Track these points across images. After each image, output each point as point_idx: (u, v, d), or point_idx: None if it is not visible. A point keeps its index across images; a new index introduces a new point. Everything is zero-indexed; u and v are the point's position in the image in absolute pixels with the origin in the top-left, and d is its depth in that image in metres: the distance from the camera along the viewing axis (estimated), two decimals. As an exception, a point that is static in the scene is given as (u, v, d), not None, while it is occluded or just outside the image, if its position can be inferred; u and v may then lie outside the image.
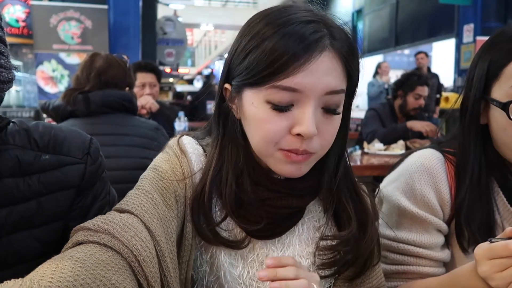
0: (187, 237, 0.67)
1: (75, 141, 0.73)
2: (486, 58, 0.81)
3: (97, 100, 1.51)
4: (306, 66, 0.59)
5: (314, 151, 0.64)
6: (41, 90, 5.01)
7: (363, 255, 0.72)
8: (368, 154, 2.83)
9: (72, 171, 0.70)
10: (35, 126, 0.71)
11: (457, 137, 0.87)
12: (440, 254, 0.84)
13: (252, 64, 0.62)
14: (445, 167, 0.85)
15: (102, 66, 1.58)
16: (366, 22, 9.61)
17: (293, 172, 0.65)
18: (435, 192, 0.84)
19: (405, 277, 0.85)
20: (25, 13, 5.02)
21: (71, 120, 1.52)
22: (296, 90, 0.60)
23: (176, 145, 0.73)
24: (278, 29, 0.61)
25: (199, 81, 8.82)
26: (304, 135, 0.60)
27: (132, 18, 5.26)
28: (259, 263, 0.70)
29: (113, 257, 0.53)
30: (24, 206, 0.65)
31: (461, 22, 6.20)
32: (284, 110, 0.61)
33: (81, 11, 5.03)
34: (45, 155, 0.68)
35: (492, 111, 0.80)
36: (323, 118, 0.63)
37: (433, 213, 0.84)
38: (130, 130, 1.56)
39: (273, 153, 0.64)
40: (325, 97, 0.62)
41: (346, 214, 0.72)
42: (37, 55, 5.01)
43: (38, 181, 0.66)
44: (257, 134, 0.65)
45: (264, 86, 0.61)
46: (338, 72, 0.63)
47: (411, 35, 7.97)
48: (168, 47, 6.67)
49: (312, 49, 0.60)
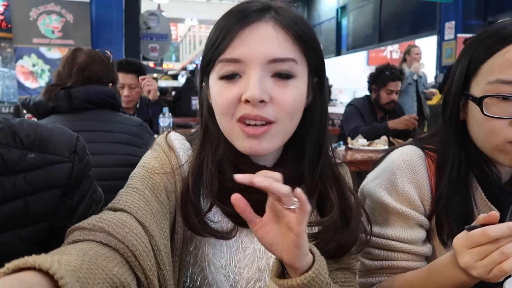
0: (179, 230, 0.69)
1: (62, 140, 0.72)
2: (467, 55, 0.82)
3: (80, 96, 1.48)
4: (241, 35, 0.63)
5: (269, 117, 0.64)
6: (21, 85, 4.89)
7: (343, 247, 0.73)
8: (352, 149, 2.86)
9: (59, 170, 0.69)
10: (20, 124, 0.69)
11: (438, 133, 0.89)
12: (422, 248, 0.86)
13: (205, 48, 0.68)
14: (425, 163, 0.87)
15: (85, 61, 1.55)
16: (350, 18, 9.68)
17: (253, 147, 0.65)
18: (416, 188, 0.85)
19: (389, 272, 0.87)
20: (3, 6, 4.88)
21: (52, 116, 1.48)
22: (238, 61, 0.64)
23: (164, 142, 0.74)
24: (220, 17, 0.67)
25: (184, 76, 8.76)
26: (250, 99, 0.62)
27: (114, 12, 5.18)
28: (243, 250, 0.71)
29: (111, 252, 0.54)
30: (9, 205, 0.64)
31: (443, 19, 6.31)
32: (231, 79, 0.65)
33: (62, 5, 4.92)
34: (30, 154, 0.67)
35: (470, 106, 0.81)
36: (275, 86, 0.64)
37: (415, 208, 0.85)
38: (114, 126, 1.53)
39: (233, 128, 0.66)
40: (270, 65, 0.63)
41: (329, 202, 0.72)
42: (16, 49, 4.88)
43: (24, 180, 0.65)
44: (217, 111, 0.68)
45: (215, 66, 0.66)
46: (283, 41, 0.64)
47: (394, 31, 8.07)
48: (152, 42, 6.59)
49: (247, 19, 0.64)
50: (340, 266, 0.78)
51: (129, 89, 2.53)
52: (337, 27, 10.17)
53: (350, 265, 0.79)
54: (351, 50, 9.71)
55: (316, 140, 0.72)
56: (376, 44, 8.75)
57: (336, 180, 0.75)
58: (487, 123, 0.77)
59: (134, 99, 2.58)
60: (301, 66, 0.66)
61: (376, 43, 8.74)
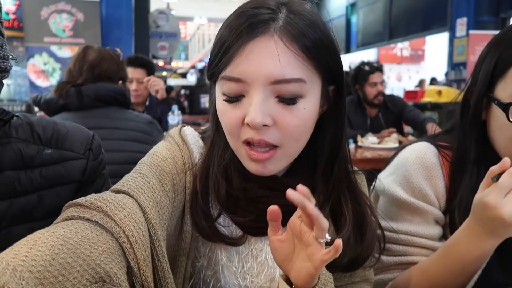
0: (187, 228, 0.67)
1: (78, 137, 0.74)
2: (495, 54, 0.78)
3: (90, 94, 1.50)
4: (243, 51, 0.57)
5: (274, 142, 0.60)
6: (32, 83, 4.95)
7: (357, 260, 0.69)
8: (362, 147, 2.84)
9: (74, 166, 0.72)
10: (38, 121, 0.72)
11: (453, 131, 0.87)
12: (439, 244, 0.84)
13: (210, 56, 0.63)
14: (439, 161, 0.85)
15: (95, 59, 1.56)
16: (360, 15, 9.60)
17: (258, 170, 0.63)
18: (431, 185, 0.84)
19: (407, 267, 0.85)
20: (16, 5, 4.94)
21: (63, 113, 1.51)
22: (240, 80, 0.58)
23: (178, 135, 0.72)
24: (227, 19, 0.61)
25: (193, 74, 8.78)
26: (250, 123, 0.58)
27: (124, 10, 5.20)
28: (254, 257, 0.70)
29: (102, 236, 0.49)
30: (25, 199, 0.66)
31: (454, 15, 6.21)
32: (234, 101, 0.60)
33: (72, 4, 4.96)
34: (47, 149, 0.69)
35: (493, 108, 0.78)
36: (280, 108, 0.59)
37: (431, 203, 0.84)
38: (123, 124, 1.55)
39: (239, 149, 0.63)
40: (274, 86, 0.58)
41: (343, 217, 0.69)
42: (28, 48, 4.94)
43: (40, 175, 0.67)
44: (223, 127, 0.65)
45: (218, 80, 0.62)
46: (288, 59, 0.57)
47: (404, 28, 7.97)
48: (161, 40, 6.61)
49: (251, 32, 0.57)
50: (355, 280, 0.77)
51: (137, 84, 2.56)
52: (347, 24, 10.10)
53: (366, 277, 0.78)
54: (361, 47, 9.63)
55: (330, 151, 0.69)
56: (386, 41, 8.67)
57: (352, 192, 0.71)
58: (511, 129, 0.74)
59: (142, 94, 2.60)
60: (310, 83, 0.60)
61: (386, 40, 8.66)
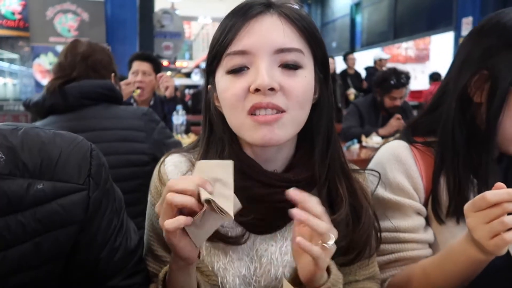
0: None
1: (73, 159, 0.60)
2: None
3: (74, 93, 1.39)
4: (246, 27, 0.64)
5: (281, 105, 0.63)
6: (38, 83, 4.98)
7: (357, 243, 0.72)
8: (366, 147, 2.83)
9: (73, 202, 0.59)
10: (21, 142, 0.58)
11: (436, 120, 0.88)
12: (424, 235, 0.86)
13: (210, 47, 0.69)
14: (412, 154, 0.88)
15: (87, 50, 1.48)
16: (364, 15, 9.57)
17: (266, 135, 0.63)
18: (407, 178, 0.86)
19: (398, 264, 0.86)
20: (21, 5, 4.98)
21: (50, 117, 1.41)
22: (245, 52, 0.64)
23: (157, 179, 0.75)
24: (228, 13, 0.68)
25: (197, 74, 8.80)
26: (260, 87, 0.61)
27: (129, 10, 5.23)
28: (259, 258, 0.70)
29: None
30: (17, 249, 0.55)
31: (460, 15, 6.19)
32: (239, 72, 0.65)
33: (77, 4, 5.00)
34: (39, 184, 0.56)
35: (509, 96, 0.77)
36: (283, 76, 0.64)
37: (410, 197, 0.86)
38: (112, 123, 1.45)
39: (243, 122, 0.65)
40: (277, 55, 0.64)
41: (339, 197, 0.71)
42: (33, 48, 4.97)
43: (33, 218, 0.55)
44: (225, 106, 0.67)
45: (221, 61, 0.66)
46: (288, 31, 0.65)
47: (409, 28, 7.95)
48: (166, 40, 6.62)
49: (251, 12, 0.65)
50: (359, 278, 0.78)
51: (142, 75, 2.59)
52: (351, 23, 10.07)
53: (371, 274, 0.79)
54: (365, 47, 9.61)
55: (325, 135, 0.72)
56: (391, 40, 8.64)
57: (346, 175, 0.74)
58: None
59: (146, 87, 2.60)
60: (307, 57, 0.67)
61: (391, 40, 8.63)
